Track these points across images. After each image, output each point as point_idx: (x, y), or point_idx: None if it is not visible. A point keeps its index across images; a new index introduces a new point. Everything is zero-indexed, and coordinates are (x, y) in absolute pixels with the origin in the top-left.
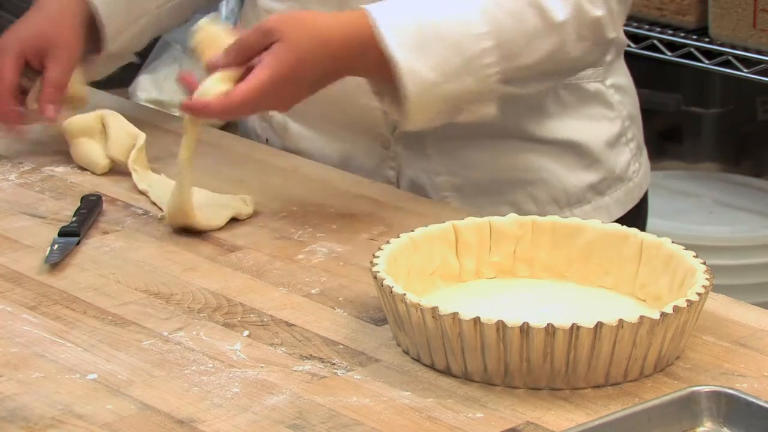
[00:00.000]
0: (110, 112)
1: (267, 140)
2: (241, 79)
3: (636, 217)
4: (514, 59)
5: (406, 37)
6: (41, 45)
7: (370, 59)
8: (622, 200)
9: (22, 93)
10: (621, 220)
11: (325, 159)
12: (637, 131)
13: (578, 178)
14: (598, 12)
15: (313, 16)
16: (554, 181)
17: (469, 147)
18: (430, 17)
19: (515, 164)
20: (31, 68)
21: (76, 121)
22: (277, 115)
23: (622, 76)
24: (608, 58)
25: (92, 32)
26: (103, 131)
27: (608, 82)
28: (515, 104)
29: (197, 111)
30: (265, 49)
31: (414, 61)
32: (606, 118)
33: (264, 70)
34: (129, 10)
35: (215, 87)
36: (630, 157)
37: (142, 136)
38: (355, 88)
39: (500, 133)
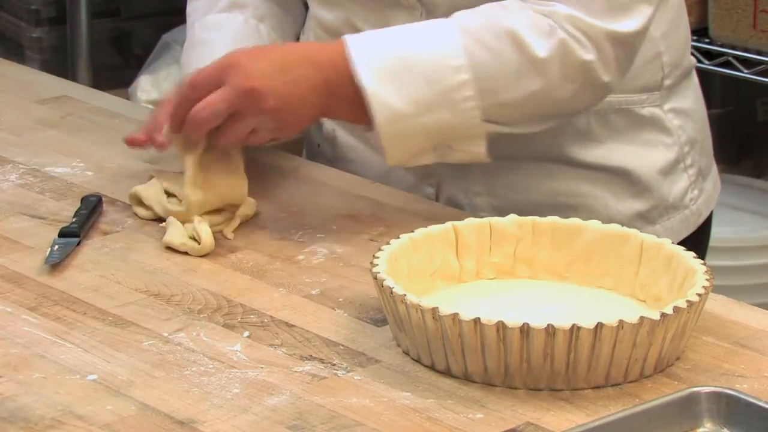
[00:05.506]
0: None
1: (318, 145)
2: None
3: (692, 245)
4: (493, 95)
5: (378, 68)
6: None
7: (347, 88)
8: (676, 229)
9: None
10: None
11: (368, 170)
12: (699, 156)
13: (625, 206)
14: (587, 56)
15: (282, 47)
16: (599, 207)
17: (513, 169)
18: (405, 50)
19: (559, 189)
20: None
21: None
22: (326, 123)
23: (685, 99)
24: (667, 82)
25: None
26: None
27: (667, 106)
28: (562, 128)
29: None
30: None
31: (384, 92)
32: (663, 145)
33: (220, 91)
34: None
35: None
36: (688, 185)
37: None
38: None
39: (546, 157)
